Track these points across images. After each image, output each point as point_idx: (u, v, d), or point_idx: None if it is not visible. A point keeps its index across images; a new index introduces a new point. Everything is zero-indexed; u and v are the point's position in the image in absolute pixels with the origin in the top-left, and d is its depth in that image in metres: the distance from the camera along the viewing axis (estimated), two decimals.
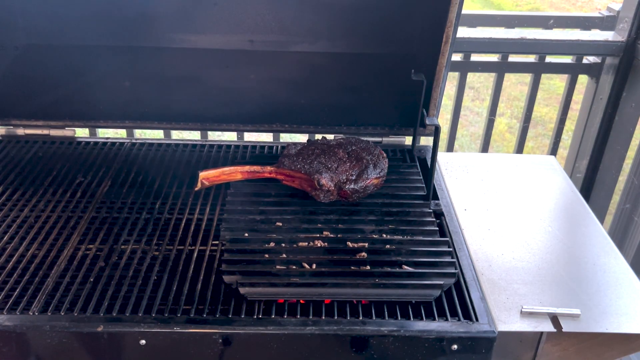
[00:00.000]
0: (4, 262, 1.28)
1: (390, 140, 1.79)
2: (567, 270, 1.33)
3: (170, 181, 1.60)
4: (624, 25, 2.31)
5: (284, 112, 1.79)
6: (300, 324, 1.13)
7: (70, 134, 1.81)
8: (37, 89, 1.73)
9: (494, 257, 1.36)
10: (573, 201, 1.61)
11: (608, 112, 2.43)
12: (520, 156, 1.93)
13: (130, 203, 1.50)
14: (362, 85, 1.72)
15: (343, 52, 1.68)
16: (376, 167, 1.47)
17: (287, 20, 1.62)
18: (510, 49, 2.39)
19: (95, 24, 1.62)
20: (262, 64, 1.70)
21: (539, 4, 8.01)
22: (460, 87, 2.56)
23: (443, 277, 1.22)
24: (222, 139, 2.88)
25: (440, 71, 1.57)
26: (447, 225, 1.44)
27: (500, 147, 4.63)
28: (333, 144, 1.54)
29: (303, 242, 1.31)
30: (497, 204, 1.56)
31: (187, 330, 1.11)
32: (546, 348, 1.21)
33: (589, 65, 2.49)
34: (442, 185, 1.62)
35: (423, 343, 1.12)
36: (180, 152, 1.76)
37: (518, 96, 5.32)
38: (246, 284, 1.18)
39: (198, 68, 1.71)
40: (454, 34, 1.50)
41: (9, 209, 1.46)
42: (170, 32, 1.66)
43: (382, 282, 1.20)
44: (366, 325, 1.13)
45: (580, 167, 2.62)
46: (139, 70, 1.71)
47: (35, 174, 1.61)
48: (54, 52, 1.66)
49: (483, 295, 1.23)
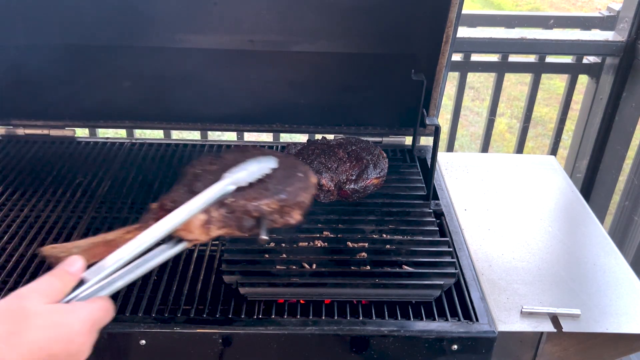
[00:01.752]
0: (3, 262, 1.28)
1: (390, 140, 1.79)
2: (567, 270, 1.33)
3: (170, 181, 1.60)
4: (624, 25, 2.31)
5: (284, 112, 1.79)
6: (300, 324, 1.13)
7: (70, 134, 1.81)
8: (37, 89, 1.73)
9: (494, 257, 1.36)
10: (573, 201, 1.61)
11: (608, 112, 2.43)
12: (521, 156, 1.93)
13: (130, 203, 1.50)
14: (362, 85, 1.72)
15: (343, 52, 1.67)
16: (376, 167, 1.47)
17: (287, 20, 1.62)
18: (510, 49, 2.39)
19: (95, 24, 1.62)
20: (262, 64, 1.70)
21: (539, 4, 8.01)
22: (460, 87, 2.56)
23: (443, 277, 1.22)
24: (222, 139, 2.89)
25: (440, 71, 1.57)
26: (447, 225, 1.44)
27: (500, 147, 4.63)
28: (333, 144, 1.54)
29: (303, 242, 1.31)
30: (497, 204, 1.56)
31: (187, 330, 1.11)
32: (546, 348, 1.21)
33: (589, 65, 2.49)
34: (442, 185, 1.62)
35: (423, 343, 1.12)
36: (180, 152, 1.76)
37: (518, 96, 5.32)
38: (246, 284, 1.18)
39: (198, 68, 1.71)
40: (454, 34, 1.50)
41: (9, 209, 1.46)
42: (170, 32, 1.66)
43: (382, 282, 1.20)
44: (366, 325, 1.13)
45: (580, 167, 2.62)
46: (139, 70, 1.71)
47: (35, 174, 1.61)
48: (54, 52, 1.65)
49: (483, 295, 1.23)
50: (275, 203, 1.03)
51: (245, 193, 1.02)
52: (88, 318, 0.81)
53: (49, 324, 0.77)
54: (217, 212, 1.00)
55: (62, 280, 0.83)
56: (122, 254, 0.88)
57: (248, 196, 1.02)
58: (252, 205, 1.01)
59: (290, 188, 1.06)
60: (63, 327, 0.78)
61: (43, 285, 0.81)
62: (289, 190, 1.05)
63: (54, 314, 0.78)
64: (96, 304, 0.83)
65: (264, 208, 1.02)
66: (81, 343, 0.80)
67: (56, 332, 0.77)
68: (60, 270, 0.84)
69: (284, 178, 1.08)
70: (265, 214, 1.02)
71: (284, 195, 1.04)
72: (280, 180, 1.08)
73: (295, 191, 1.07)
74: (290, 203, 1.05)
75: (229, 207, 1.00)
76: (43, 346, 0.75)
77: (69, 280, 0.84)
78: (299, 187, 1.08)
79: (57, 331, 0.77)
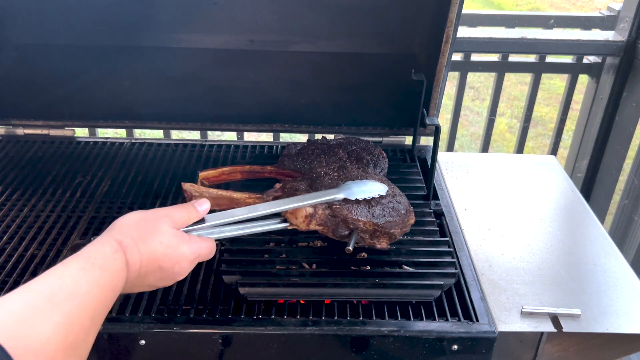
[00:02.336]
0: (3, 262, 1.28)
1: (390, 140, 1.79)
2: (567, 271, 1.33)
3: (170, 181, 1.60)
4: (624, 25, 2.31)
5: (284, 112, 1.79)
6: (300, 324, 1.13)
7: (70, 133, 1.81)
8: (37, 89, 1.73)
9: (494, 257, 1.36)
10: (573, 201, 1.61)
11: (608, 112, 2.43)
12: (521, 156, 1.93)
13: (130, 203, 1.50)
14: (362, 85, 1.72)
15: (343, 52, 1.67)
16: (376, 167, 1.47)
17: (287, 20, 1.62)
18: (511, 49, 2.39)
19: (95, 24, 1.62)
20: (262, 64, 1.70)
21: (539, 4, 8.01)
22: (460, 87, 2.56)
23: (443, 277, 1.22)
24: (222, 139, 2.89)
25: (440, 71, 1.57)
26: (447, 225, 1.43)
27: (501, 147, 4.63)
28: (333, 144, 1.54)
29: (303, 242, 1.31)
30: (497, 204, 1.56)
31: (187, 330, 1.11)
32: (546, 348, 1.21)
33: (589, 65, 2.49)
34: (442, 185, 1.62)
35: (423, 343, 1.12)
36: (180, 152, 1.76)
37: (518, 96, 5.32)
38: (246, 284, 1.18)
39: (198, 68, 1.71)
40: (454, 34, 1.49)
41: (9, 209, 1.46)
42: (170, 32, 1.66)
43: (382, 282, 1.20)
44: (366, 325, 1.13)
45: (580, 167, 2.62)
46: (139, 70, 1.71)
47: (35, 174, 1.61)
48: (54, 52, 1.66)
49: (483, 296, 1.23)
50: (371, 224, 1.18)
51: (351, 206, 1.18)
52: (196, 250, 1.00)
53: (168, 244, 0.95)
54: (323, 211, 1.17)
55: (189, 213, 1.03)
56: (239, 213, 1.09)
57: (352, 209, 1.18)
58: (351, 218, 1.17)
59: (389, 218, 1.19)
60: (177, 249, 0.96)
61: (175, 212, 1.01)
62: (387, 219, 1.19)
63: (174, 237, 0.97)
64: (205, 243, 1.02)
65: (359, 224, 1.17)
66: (184, 267, 0.99)
67: (171, 251, 0.95)
68: (191, 205, 1.04)
69: (389, 207, 1.22)
70: (358, 229, 1.18)
71: (381, 222, 1.18)
72: (385, 208, 1.21)
73: (392, 223, 1.20)
74: (384, 231, 1.19)
75: (332, 211, 1.18)
76: (159, 257, 0.94)
77: (195, 216, 1.04)
78: (396, 222, 1.21)
79: (171, 251, 0.96)
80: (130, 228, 0.94)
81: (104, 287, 0.83)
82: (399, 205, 1.24)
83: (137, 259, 0.91)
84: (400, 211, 1.23)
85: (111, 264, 0.87)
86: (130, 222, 0.95)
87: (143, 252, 0.92)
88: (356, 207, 1.19)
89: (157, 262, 0.94)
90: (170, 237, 0.96)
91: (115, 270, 0.87)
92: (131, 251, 0.91)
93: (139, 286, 0.96)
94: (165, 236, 0.96)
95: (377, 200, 1.22)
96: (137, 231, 0.94)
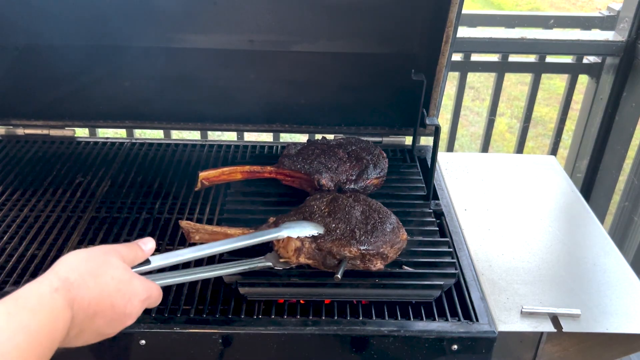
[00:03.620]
0: (3, 262, 1.28)
1: (390, 140, 1.79)
2: (567, 270, 1.33)
3: (170, 181, 1.60)
4: (624, 25, 2.31)
5: (284, 112, 1.79)
6: (300, 324, 1.13)
7: (70, 133, 1.81)
8: (37, 89, 1.73)
9: (494, 257, 1.36)
10: (573, 201, 1.61)
11: (608, 112, 2.43)
12: (521, 156, 1.93)
13: (130, 203, 1.50)
14: (362, 85, 1.72)
15: (343, 52, 1.67)
16: (376, 167, 1.47)
17: (287, 20, 1.62)
18: (511, 49, 2.39)
19: (95, 24, 1.62)
20: (262, 64, 1.70)
21: (539, 4, 8.01)
22: (460, 87, 2.56)
23: (443, 278, 1.22)
24: (222, 139, 2.89)
25: (440, 71, 1.57)
26: (447, 225, 1.43)
27: (501, 147, 4.63)
28: (333, 144, 1.54)
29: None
30: (497, 204, 1.56)
31: (187, 330, 1.11)
32: (546, 348, 1.21)
33: (589, 65, 2.49)
34: (442, 185, 1.62)
35: (423, 343, 1.12)
36: (180, 152, 1.76)
37: (518, 96, 5.32)
38: (246, 284, 1.18)
39: (198, 68, 1.71)
40: (454, 34, 1.49)
41: (9, 209, 1.46)
42: (170, 32, 1.66)
43: (382, 282, 1.20)
44: (366, 325, 1.13)
45: (580, 167, 2.62)
46: (139, 70, 1.71)
47: (35, 174, 1.61)
48: (54, 52, 1.65)
49: (483, 296, 1.23)
50: (357, 251, 1.17)
51: (335, 237, 1.19)
52: (147, 289, 0.92)
53: (120, 278, 0.87)
54: (309, 245, 1.18)
55: (135, 252, 0.96)
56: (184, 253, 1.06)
57: (336, 240, 1.18)
58: (336, 249, 1.17)
59: (374, 239, 1.19)
60: (130, 285, 0.88)
61: (122, 249, 0.93)
62: (372, 242, 1.18)
63: (126, 272, 0.89)
64: (154, 285, 0.95)
65: (346, 254, 1.17)
66: (135, 307, 0.89)
67: (123, 286, 0.87)
68: (135, 244, 0.98)
69: (373, 229, 1.21)
70: (346, 258, 1.17)
71: (366, 246, 1.18)
72: (368, 231, 1.21)
73: (379, 243, 1.19)
74: (372, 253, 1.18)
75: (318, 245, 1.18)
76: (111, 293, 0.85)
77: (140, 256, 0.97)
78: (384, 241, 1.20)
79: (124, 286, 0.87)
80: (78, 262, 0.84)
81: (34, 333, 0.72)
82: (384, 225, 1.22)
83: (85, 296, 0.81)
84: (386, 230, 1.21)
85: (47, 305, 0.75)
86: (77, 258, 0.86)
87: (92, 287, 0.82)
88: (339, 237, 1.18)
89: (109, 299, 0.84)
90: (122, 271, 0.88)
91: (53, 311, 0.76)
92: (78, 287, 0.80)
93: (87, 331, 0.83)
94: (118, 270, 0.87)
95: (359, 226, 1.21)
96: (86, 265, 0.84)
